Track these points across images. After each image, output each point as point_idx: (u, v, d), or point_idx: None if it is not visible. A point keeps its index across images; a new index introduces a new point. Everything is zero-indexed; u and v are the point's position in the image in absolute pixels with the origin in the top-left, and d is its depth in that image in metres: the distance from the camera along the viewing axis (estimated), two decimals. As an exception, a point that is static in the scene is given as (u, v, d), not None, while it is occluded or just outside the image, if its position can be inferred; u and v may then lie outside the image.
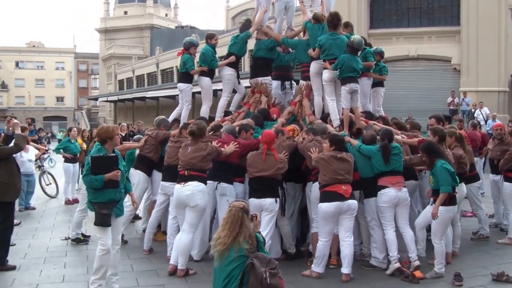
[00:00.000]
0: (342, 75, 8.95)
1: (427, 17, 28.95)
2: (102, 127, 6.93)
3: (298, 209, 8.89)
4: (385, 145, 7.76)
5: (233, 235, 4.91)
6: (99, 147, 6.68)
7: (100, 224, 6.52)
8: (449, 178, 7.32)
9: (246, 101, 10.70)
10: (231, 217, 5.00)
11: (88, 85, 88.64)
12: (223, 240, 4.92)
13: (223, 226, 5.03)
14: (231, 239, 4.90)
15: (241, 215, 4.99)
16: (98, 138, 6.75)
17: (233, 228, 4.94)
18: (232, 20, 57.92)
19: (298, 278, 7.47)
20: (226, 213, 5.14)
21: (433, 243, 7.55)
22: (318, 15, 9.67)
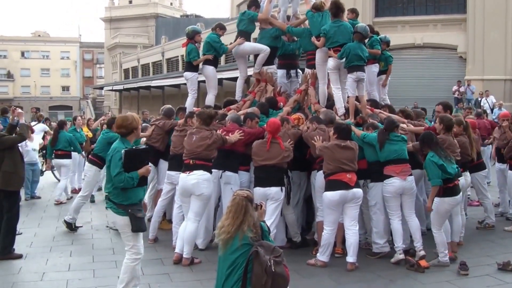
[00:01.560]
0: (348, 63, 8.93)
1: (433, 5, 28.77)
2: (126, 117, 6.09)
3: (303, 197, 8.92)
4: (381, 131, 7.79)
5: (237, 223, 4.89)
6: (122, 139, 6.01)
7: (139, 230, 5.94)
8: (436, 171, 7.24)
9: (252, 89, 10.70)
10: (235, 205, 4.98)
11: (93, 74, 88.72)
12: (227, 228, 4.90)
13: (227, 215, 5.01)
14: (235, 228, 4.88)
15: (244, 203, 4.97)
16: (123, 129, 5.98)
17: (236, 216, 4.91)
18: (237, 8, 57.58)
19: (303, 267, 7.48)
20: (230, 202, 5.12)
21: (433, 233, 7.55)
22: (317, 3, 9.64)
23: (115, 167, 5.77)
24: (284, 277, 4.82)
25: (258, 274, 4.72)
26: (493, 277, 7.07)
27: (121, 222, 5.88)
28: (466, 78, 26.44)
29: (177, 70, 48.82)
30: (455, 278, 7.01)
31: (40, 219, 10.90)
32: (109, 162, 5.86)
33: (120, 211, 5.83)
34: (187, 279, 7.07)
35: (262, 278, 4.71)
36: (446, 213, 7.58)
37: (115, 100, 66.09)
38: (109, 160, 5.86)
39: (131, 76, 64.29)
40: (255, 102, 10.06)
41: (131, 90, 54.59)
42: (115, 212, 5.88)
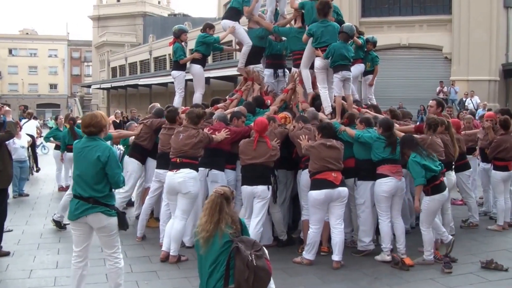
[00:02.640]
0: (334, 63, 8.99)
1: (419, 6, 28.93)
2: (95, 115, 5.80)
3: (290, 196, 8.96)
4: (390, 135, 7.81)
5: (214, 221, 4.91)
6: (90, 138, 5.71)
7: (128, 227, 5.92)
8: (420, 171, 7.31)
9: (238, 88, 10.75)
10: (210, 202, 5.00)
11: (81, 73, 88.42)
12: (205, 226, 4.91)
13: (203, 212, 5.04)
14: (212, 226, 4.89)
15: (219, 201, 4.98)
16: (92, 128, 5.66)
17: (212, 213, 4.93)
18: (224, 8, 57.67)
19: (289, 265, 7.54)
20: (207, 200, 5.14)
21: (421, 231, 7.62)
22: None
23: (117, 168, 5.69)
24: (266, 270, 4.87)
25: (240, 270, 4.76)
26: (476, 275, 7.15)
27: (113, 223, 5.72)
28: (451, 79, 26.70)
29: (165, 68, 48.81)
30: (439, 276, 7.09)
31: (28, 216, 10.88)
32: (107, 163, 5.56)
33: (113, 212, 5.70)
34: (174, 276, 7.10)
35: (244, 273, 4.75)
36: (436, 211, 7.70)
37: (103, 98, 65.95)
38: (106, 161, 5.55)
39: (118, 75, 64.16)
40: (242, 101, 10.10)
41: (119, 88, 54.52)
42: (107, 215, 5.64)
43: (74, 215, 5.63)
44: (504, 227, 9.61)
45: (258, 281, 4.80)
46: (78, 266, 5.77)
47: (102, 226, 5.65)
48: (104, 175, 5.61)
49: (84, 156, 5.62)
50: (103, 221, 5.63)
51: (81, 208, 5.58)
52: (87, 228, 5.70)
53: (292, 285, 6.80)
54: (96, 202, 5.59)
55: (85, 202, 5.58)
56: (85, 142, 5.70)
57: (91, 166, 5.58)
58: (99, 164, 5.55)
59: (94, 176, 5.58)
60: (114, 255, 5.81)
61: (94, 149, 5.60)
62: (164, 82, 39.31)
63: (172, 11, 77.19)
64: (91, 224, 5.65)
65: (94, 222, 5.63)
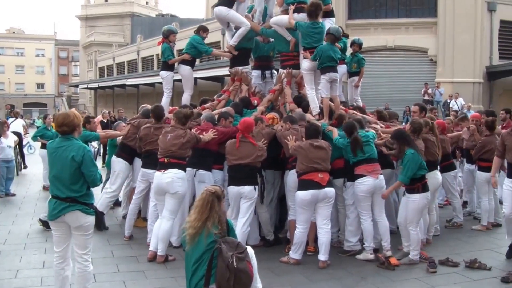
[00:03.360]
0: (321, 65, 9.05)
1: (405, 9, 29.10)
2: (67, 114, 5.70)
3: (277, 196, 9.00)
4: (354, 138, 7.85)
5: (202, 218, 4.94)
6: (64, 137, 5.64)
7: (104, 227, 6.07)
8: (414, 169, 7.50)
9: (226, 89, 10.78)
10: (201, 200, 5.03)
11: (68, 72, 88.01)
12: (193, 223, 4.94)
13: (194, 210, 5.06)
14: (201, 223, 4.93)
15: (211, 199, 5.01)
16: (65, 128, 5.58)
17: (202, 211, 4.97)
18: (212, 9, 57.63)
19: (276, 264, 7.58)
20: (198, 198, 5.16)
21: (409, 230, 7.68)
22: None
23: (93, 166, 5.63)
24: (246, 273, 4.91)
25: (222, 270, 4.80)
26: (460, 274, 7.25)
27: (91, 222, 5.67)
28: (436, 81, 26.95)
29: (152, 69, 48.77)
30: (424, 276, 7.17)
31: (14, 216, 10.84)
32: (82, 163, 5.50)
33: (91, 211, 5.66)
34: (161, 276, 7.11)
35: (225, 274, 4.79)
36: (424, 208, 7.89)
37: (90, 98, 65.73)
38: (81, 161, 5.50)
39: (106, 75, 64.01)
40: (230, 101, 10.14)
41: (106, 88, 54.36)
42: (85, 213, 5.58)
43: (53, 215, 5.59)
44: (488, 227, 9.74)
45: (238, 283, 4.84)
46: (60, 267, 5.75)
47: (79, 225, 5.59)
48: (80, 174, 5.55)
49: (59, 157, 5.55)
50: (81, 220, 5.58)
51: (59, 207, 5.54)
52: (66, 227, 5.65)
53: (279, 284, 6.84)
54: (73, 201, 5.54)
55: (62, 202, 5.54)
56: (59, 142, 5.63)
57: (66, 166, 5.51)
58: (74, 164, 5.49)
59: (70, 177, 5.52)
60: (85, 256, 5.70)
61: (68, 149, 5.53)
62: (152, 82, 39.29)
63: (160, 12, 77.13)
64: (69, 223, 5.59)
65: (72, 220, 5.56)
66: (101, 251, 8.11)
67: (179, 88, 11.16)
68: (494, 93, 27.87)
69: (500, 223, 10.04)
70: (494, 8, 27.57)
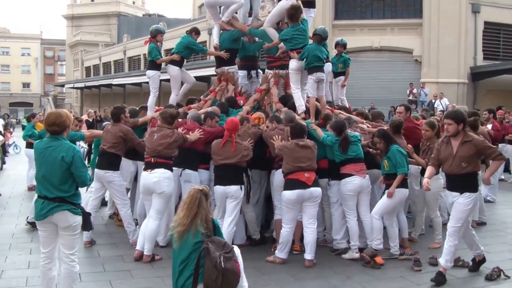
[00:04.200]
0: (308, 65, 9.09)
1: (390, 10, 29.23)
2: (60, 113, 5.68)
3: (263, 196, 9.03)
4: (344, 137, 7.93)
5: (191, 215, 4.95)
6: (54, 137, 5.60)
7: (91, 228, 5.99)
8: (404, 160, 7.78)
9: (213, 89, 10.80)
10: (190, 197, 5.04)
11: (54, 72, 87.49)
12: (182, 220, 4.95)
13: (182, 207, 5.07)
14: (189, 220, 4.94)
15: (199, 196, 5.03)
16: (56, 127, 5.55)
17: (191, 208, 4.98)
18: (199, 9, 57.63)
19: (262, 264, 7.60)
20: (185, 195, 5.18)
21: (372, 220, 7.86)
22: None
23: (83, 166, 5.60)
24: (234, 272, 4.92)
25: (209, 270, 4.81)
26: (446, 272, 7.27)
27: (78, 222, 5.64)
28: (421, 81, 27.13)
29: (139, 68, 48.69)
30: (409, 274, 7.24)
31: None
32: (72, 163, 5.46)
33: (78, 211, 5.61)
34: (148, 275, 7.11)
35: (212, 274, 4.80)
36: (400, 204, 8.08)
37: (77, 97, 65.48)
38: (71, 161, 5.46)
39: (92, 74, 63.79)
40: (216, 101, 10.15)
41: (93, 88, 54.22)
42: (73, 213, 5.55)
43: (40, 215, 5.53)
44: (472, 226, 9.74)
45: (226, 282, 4.85)
46: (47, 268, 5.71)
47: (68, 225, 5.55)
48: (69, 175, 5.50)
49: (48, 157, 5.49)
50: (69, 220, 5.54)
51: (47, 207, 5.48)
52: (53, 228, 5.61)
53: (265, 283, 6.87)
54: (62, 201, 5.50)
55: (50, 202, 5.49)
56: (48, 142, 5.58)
57: (56, 166, 5.46)
58: (64, 164, 5.44)
59: (59, 177, 5.48)
60: (72, 257, 5.66)
61: (58, 149, 5.48)
62: (138, 82, 39.20)
63: (147, 12, 77.00)
64: (56, 223, 5.55)
65: (60, 220, 5.52)
66: (87, 251, 8.11)
67: (166, 88, 11.16)
68: (478, 94, 28.12)
69: (485, 221, 10.17)
70: (478, 10, 27.84)
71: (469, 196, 6.78)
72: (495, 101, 22.58)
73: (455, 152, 6.80)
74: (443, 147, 7.03)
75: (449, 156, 6.88)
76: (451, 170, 6.86)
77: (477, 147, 6.73)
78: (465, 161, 6.72)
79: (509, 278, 7.05)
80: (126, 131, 8.56)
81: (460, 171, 6.76)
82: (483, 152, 6.81)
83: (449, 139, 6.92)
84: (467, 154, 6.72)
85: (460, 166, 6.74)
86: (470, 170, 6.77)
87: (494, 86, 27.87)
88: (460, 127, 6.75)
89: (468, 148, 6.72)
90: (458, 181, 6.83)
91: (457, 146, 6.81)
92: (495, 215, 11.07)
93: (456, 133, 6.78)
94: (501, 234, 9.56)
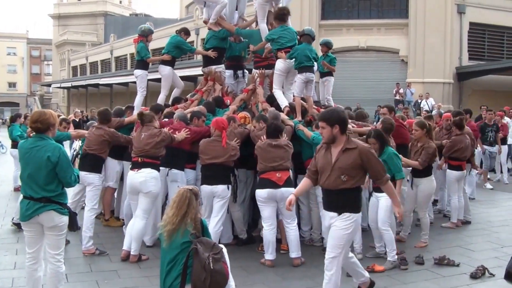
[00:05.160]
0: (299, 64, 9.12)
1: (377, 10, 29.39)
2: (44, 112, 5.66)
3: (250, 195, 9.03)
4: None
5: (181, 214, 4.95)
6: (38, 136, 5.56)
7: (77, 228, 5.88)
8: (400, 164, 7.60)
9: (199, 88, 10.80)
10: (179, 196, 5.04)
11: (41, 71, 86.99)
12: (171, 219, 4.95)
13: (171, 206, 5.06)
14: (179, 219, 4.94)
15: (189, 195, 5.03)
16: (39, 124, 5.50)
17: (180, 206, 4.98)
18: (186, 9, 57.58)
19: (249, 263, 7.62)
20: (175, 194, 5.18)
21: (382, 231, 7.64)
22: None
23: (69, 167, 5.55)
24: (222, 274, 4.93)
25: (197, 271, 4.81)
26: (431, 271, 7.40)
27: (65, 222, 5.58)
28: (407, 81, 27.32)
29: (126, 68, 48.58)
30: (396, 273, 7.30)
31: (-16, 217, 10.70)
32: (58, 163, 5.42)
33: (65, 211, 5.56)
34: (134, 275, 7.10)
35: (201, 275, 4.80)
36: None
37: (63, 97, 65.16)
38: (57, 161, 5.41)
39: (79, 74, 63.56)
40: (202, 100, 10.16)
41: (80, 87, 53.96)
42: (60, 213, 5.50)
43: (26, 216, 5.48)
44: (457, 225, 9.93)
45: (214, 283, 4.86)
46: (33, 268, 5.67)
47: (54, 225, 5.50)
48: (55, 174, 5.46)
49: (33, 157, 5.42)
50: (55, 220, 5.49)
51: (33, 207, 5.43)
52: (39, 228, 5.56)
53: (253, 282, 6.89)
54: (48, 201, 5.45)
55: (36, 202, 5.43)
56: (33, 142, 5.52)
57: (41, 166, 5.40)
58: (50, 164, 5.39)
59: (45, 177, 5.42)
60: (58, 257, 5.62)
61: (43, 149, 5.42)
62: (125, 81, 39.10)
63: (134, 11, 76.75)
64: (42, 223, 5.49)
65: (46, 220, 5.47)
66: (73, 251, 8.06)
67: (153, 87, 11.15)
68: (463, 93, 28.39)
69: (470, 220, 10.27)
70: (464, 10, 28.12)
71: (349, 217, 5.46)
72: (481, 101, 22.76)
73: (333, 161, 5.46)
74: (321, 154, 5.68)
75: (327, 165, 5.53)
76: (328, 184, 5.49)
77: (362, 158, 5.42)
78: (345, 173, 5.38)
79: (493, 276, 7.11)
80: (111, 133, 8.55)
81: (338, 185, 5.44)
82: (367, 166, 5.46)
83: (329, 145, 5.57)
84: (348, 165, 5.39)
85: (339, 179, 5.41)
86: (350, 185, 5.43)
87: (480, 86, 28.15)
88: (335, 130, 5.40)
89: (349, 157, 5.41)
90: (336, 198, 5.50)
91: (336, 155, 5.49)
92: (480, 214, 11.18)
93: (332, 138, 5.44)
94: (485, 233, 9.65)
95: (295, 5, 9.84)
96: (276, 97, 9.47)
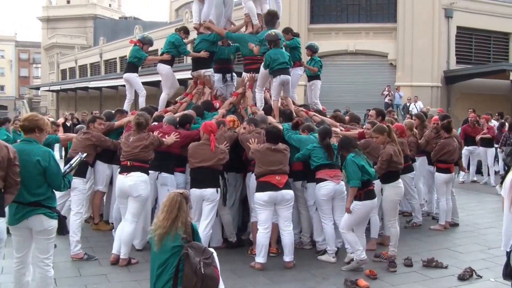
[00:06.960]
0: (272, 69, 9.16)
1: (366, 14, 29.56)
2: (37, 115, 5.75)
3: (239, 198, 9.06)
4: (327, 144, 7.94)
5: (171, 217, 4.94)
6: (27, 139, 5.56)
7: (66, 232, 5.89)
8: (357, 172, 7.18)
9: (189, 92, 10.80)
10: (170, 200, 5.04)
11: (29, 74, 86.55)
12: (162, 223, 4.94)
13: (161, 210, 5.06)
14: (170, 222, 4.93)
15: (179, 199, 5.03)
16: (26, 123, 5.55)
17: (171, 210, 4.97)
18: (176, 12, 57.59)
19: (239, 266, 7.63)
20: (165, 198, 5.18)
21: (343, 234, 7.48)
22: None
23: (58, 171, 5.54)
24: (214, 278, 4.92)
25: (189, 276, 4.80)
26: (419, 273, 7.44)
27: (54, 226, 5.56)
28: (396, 84, 27.41)
29: (115, 71, 48.39)
30: (384, 275, 7.32)
31: (-28, 222, 10.60)
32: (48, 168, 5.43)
33: (54, 214, 5.54)
34: (124, 279, 7.09)
35: (192, 279, 4.79)
36: (364, 218, 7.65)
37: (52, 100, 64.79)
38: (47, 166, 5.42)
39: (68, 77, 63.26)
40: (191, 104, 10.17)
41: (69, 91, 53.69)
42: (49, 217, 5.46)
43: (15, 220, 5.41)
44: (446, 227, 10.00)
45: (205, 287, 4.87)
46: (21, 273, 5.62)
47: (43, 229, 5.45)
48: (45, 178, 5.45)
49: (22, 161, 5.30)
50: (44, 224, 5.45)
51: (22, 211, 5.39)
52: (28, 232, 5.52)
53: (242, 285, 6.90)
54: (37, 205, 5.42)
55: (25, 206, 5.39)
56: (22, 146, 5.48)
57: (30, 171, 5.36)
58: (40, 168, 5.38)
59: (34, 181, 5.40)
60: (46, 261, 5.59)
61: (33, 153, 5.40)
62: (115, 85, 38.92)
63: (123, 14, 76.52)
64: (31, 227, 5.45)
65: (35, 224, 5.42)
66: (62, 255, 7.98)
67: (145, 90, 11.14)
68: (451, 97, 28.58)
69: (458, 222, 10.34)
70: (451, 15, 28.31)
71: None
72: (468, 104, 22.91)
73: None
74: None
75: None
76: None
77: None
78: None
79: (481, 278, 7.18)
80: (97, 137, 8.56)
81: None
82: None
83: None
84: None
85: None
86: None
87: (467, 90, 28.31)
88: None
89: None
90: None
91: None
92: (468, 216, 11.26)
93: None
94: (473, 235, 9.72)
95: (284, 8, 9.88)
96: (255, 98, 9.61)
